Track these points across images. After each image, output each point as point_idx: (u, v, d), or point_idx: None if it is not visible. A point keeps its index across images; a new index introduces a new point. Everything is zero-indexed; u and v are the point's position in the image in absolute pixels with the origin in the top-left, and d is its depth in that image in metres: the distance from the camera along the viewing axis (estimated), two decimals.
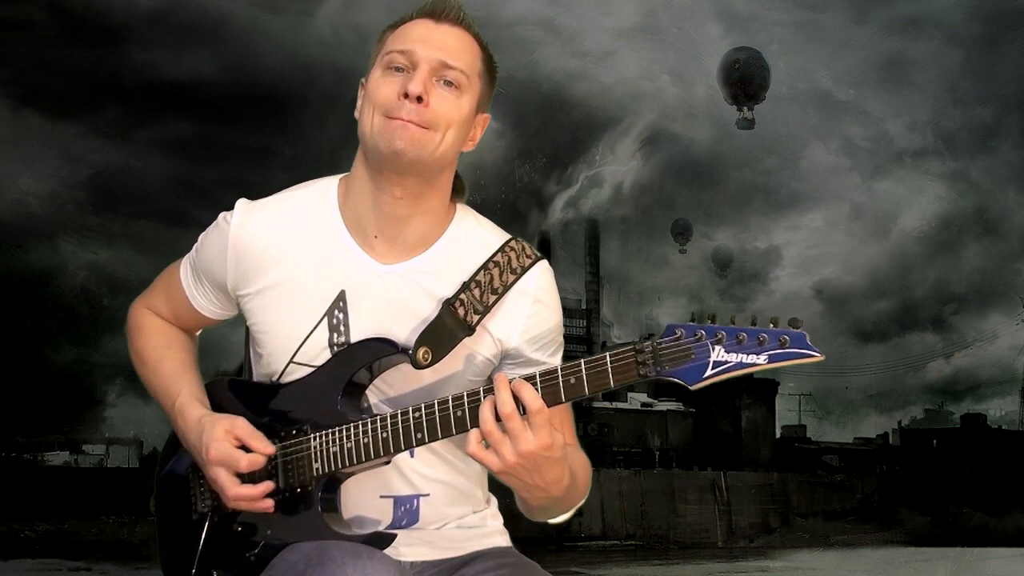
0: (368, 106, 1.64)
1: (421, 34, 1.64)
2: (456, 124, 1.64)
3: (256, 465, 1.64)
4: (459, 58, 1.64)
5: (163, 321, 1.86)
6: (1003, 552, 22.87)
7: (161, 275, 1.87)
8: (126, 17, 39.72)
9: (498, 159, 42.97)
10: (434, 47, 1.62)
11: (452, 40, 1.64)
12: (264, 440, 1.65)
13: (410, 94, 1.59)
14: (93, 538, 20.27)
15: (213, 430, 1.65)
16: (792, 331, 1.40)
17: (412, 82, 1.60)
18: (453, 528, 1.76)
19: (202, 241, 1.78)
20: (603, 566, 20.26)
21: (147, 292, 1.89)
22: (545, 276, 1.72)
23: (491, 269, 1.68)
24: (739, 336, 1.41)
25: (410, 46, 1.63)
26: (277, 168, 39.45)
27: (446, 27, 1.65)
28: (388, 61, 1.64)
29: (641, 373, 1.45)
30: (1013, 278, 48.53)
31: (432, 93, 1.61)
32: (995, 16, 47.92)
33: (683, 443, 37.49)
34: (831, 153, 56.33)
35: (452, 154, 1.67)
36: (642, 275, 51.32)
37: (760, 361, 1.41)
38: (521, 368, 1.70)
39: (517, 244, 1.72)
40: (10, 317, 33.72)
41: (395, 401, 1.69)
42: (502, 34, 44.73)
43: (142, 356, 1.84)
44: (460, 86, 1.64)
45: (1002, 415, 44.71)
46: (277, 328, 1.71)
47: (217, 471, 1.64)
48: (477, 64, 1.67)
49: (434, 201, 1.69)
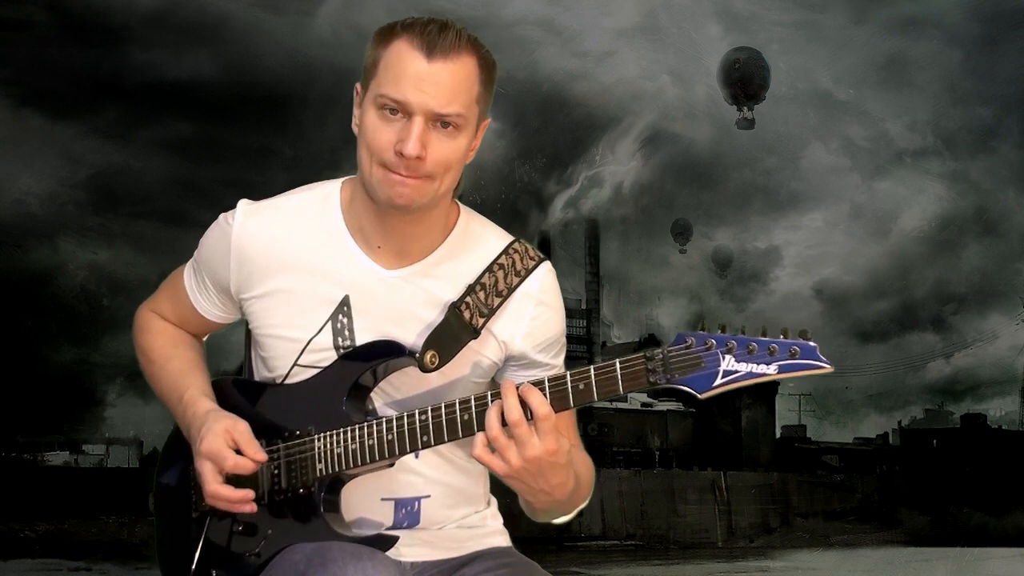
0: (365, 147, 1.61)
1: (413, 76, 1.56)
2: (456, 163, 1.62)
3: (241, 468, 1.64)
4: (455, 101, 1.58)
5: (170, 324, 1.87)
6: (1003, 552, 22.85)
7: (166, 280, 1.87)
8: (126, 17, 39.76)
9: (498, 159, 42.98)
10: (428, 95, 1.56)
11: (447, 79, 1.57)
12: (258, 448, 1.65)
13: (407, 156, 1.56)
14: (93, 538, 20.26)
15: (215, 424, 1.66)
16: (803, 342, 1.40)
17: (408, 143, 1.56)
18: (454, 528, 1.76)
19: (203, 243, 1.77)
20: (603, 566, 20.26)
21: (152, 297, 1.89)
22: (548, 278, 1.72)
23: (495, 272, 1.68)
24: (750, 346, 1.41)
25: (403, 96, 1.56)
26: (277, 168, 39.51)
27: (439, 64, 1.57)
28: (381, 105, 1.59)
29: (651, 381, 1.46)
30: (1013, 278, 48.56)
31: (429, 144, 1.58)
32: (995, 16, 47.95)
33: (683, 443, 37.49)
34: (831, 153, 56.38)
35: (455, 182, 1.66)
36: (642, 275, 51.29)
37: (770, 371, 1.41)
38: (525, 370, 1.70)
39: (520, 246, 1.72)
40: (10, 317, 33.74)
41: (400, 404, 1.69)
42: (502, 34, 44.76)
43: (149, 355, 1.84)
44: (457, 127, 1.60)
45: (1002, 415, 44.73)
46: (281, 332, 1.71)
47: (204, 464, 1.64)
48: (475, 90, 1.61)
49: (438, 214, 1.69)
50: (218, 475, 1.64)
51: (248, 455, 1.64)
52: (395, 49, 1.59)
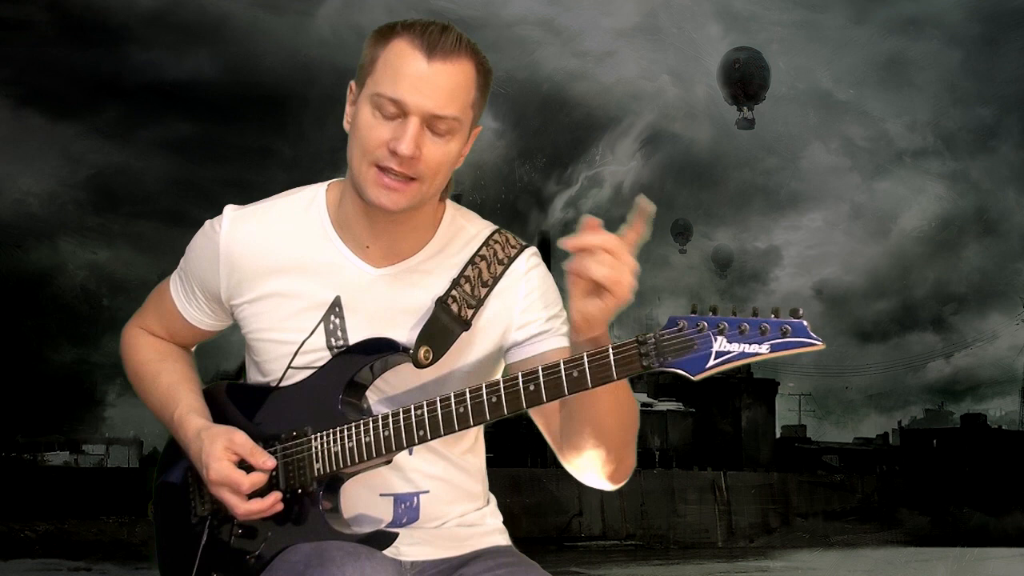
0: (357, 145, 1.61)
1: (412, 76, 1.57)
2: (446, 167, 1.63)
3: (258, 484, 1.64)
4: (452, 104, 1.58)
5: (157, 338, 1.86)
6: (1003, 552, 22.86)
7: (151, 295, 1.86)
8: (126, 17, 39.70)
9: (498, 159, 42.97)
10: (426, 96, 1.57)
11: (445, 82, 1.58)
12: (263, 454, 1.65)
13: (401, 154, 1.57)
14: (93, 538, 20.27)
15: (212, 447, 1.65)
16: (793, 321, 1.40)
17: (403, 142, 1.56)
18: (453, 527, 1.76)
19: (190, 251, 1.77)
20: (603, 566, 20.25)
21: (138, 313, 1.88)
22: (533, 259, 1.73)
23: (478, 263, 1.69)
24: (741, 326, 1.41)
25: (400, 95, 1.57)
26: (277, 168, 39.46)
27: (438, 65, 1.57)
28: (377, 103, 1.59)
29: (644, 364, 1.46)
30: (1013, 278, 48.53)
31: (423, 145, 1.59)
32: (995, 16, 47.91)
33: (683, 443, 37.48)
34: (831, 153, 56.32)
35: (443, 185, 1.67)
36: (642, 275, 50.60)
37: (762, 351, 1.41)
38: (537, 341, 1.70)
39: (501, 236, 1.73)
40: (10, 317, 33.71)
41: (395, 400, 1.70)
42: (502, 34, 44.77)
43: (138, 373, 1.84)
44: (452, 132, 1.60)
45: (1002, 415, 44.73)
46: (274, 335, 1.71)
47: (220, 491, 1.64)
48: (471, 95, 1.62)
49: (426, 213, 1.70)
50: (241, 497, 1.64)
51: (256, 465, 1.64)
52: (394, 48, 1.59)
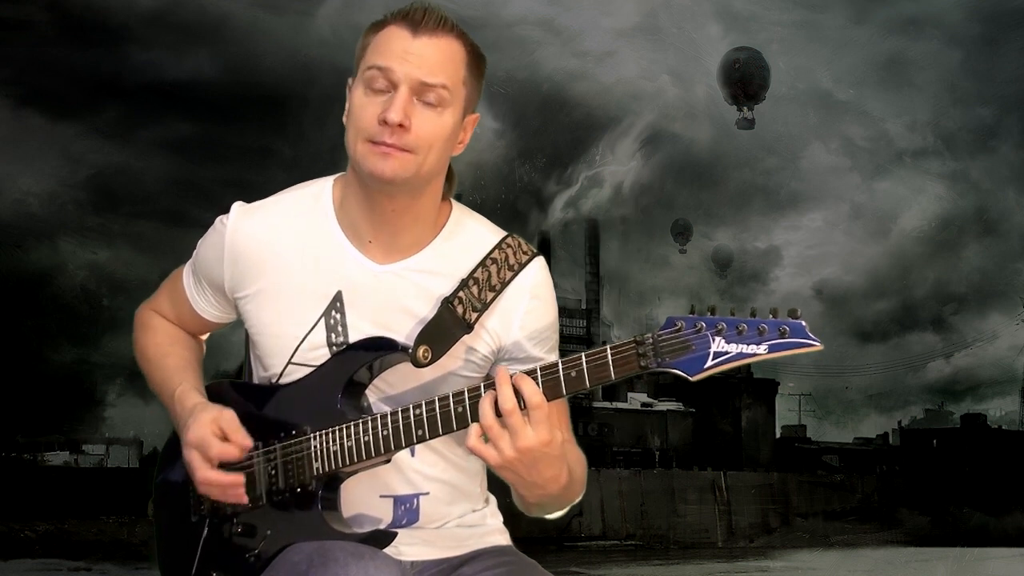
0: (351, 127, 1.63)
1: (399, 49, 1.60)
2: (440, 141, 1.63)
3: (227, 455, 1.65)
4: (440, 74, 1.60)
5: (169, 322, 1.88)
6: (1003, 552, 22.88)
7: (166, 280, 1.89)
8: (126, 17, 39.79)
9: (498, 159, 43.01)
10: (413, 64, 1.59)
11: (432, 53, 1.60)
12: (244, 434, 1.66)
13: (390, 122, 1.58)
14: (93, 538, 20.29)
15: (201, 415, 1.67)
16: (792, 321, 1.40)
17: (392, 109, 1.57)
18: (453, 527, 1.76)
19: (200, 245, 1.79)
20: (603, 566, 20.27)
21: (153, 296, 1.90)
22: (542, 272, 1.73)
23: (488, 266, 1.69)
24: (739, 327, 1.41)
25: (388, 63, 1.59)
26: (277, 168, 39.49)
27: (425, 39, 1.60)
28: (368, 79, 1.61)
29: (642, 365, 1.45)
30: (1013, 278, 48.58)
31: (413, 116, 1.59)
32: (995, 16, 47.96)
33: (683, 443, 37.49)
34: (831, 153, 56.42)
35: (440, 166, 1.67)
36: (642, 275, 51.33)
37: (760, 351, 1.40)
38: (518, 365, 1.70)
39: (513, 241, 1.72)
40: (10, 317, 33.73)
41: (394, 400, 1.70)
42: (502, 34, 44.79)
43: (147, 352, 1.86)
44: (443, 102, 1.61)
45: (1002, 415, 44.79)
46: (274, 330, 1.71)
47: (191, 453, 1.66)
48: (460, 72, 1.64)
49: (427, 206, 1.69)
50: (206, 462, 1.65)
51: (234, 441, 1.65)
52: (384, 32, 1.63)
